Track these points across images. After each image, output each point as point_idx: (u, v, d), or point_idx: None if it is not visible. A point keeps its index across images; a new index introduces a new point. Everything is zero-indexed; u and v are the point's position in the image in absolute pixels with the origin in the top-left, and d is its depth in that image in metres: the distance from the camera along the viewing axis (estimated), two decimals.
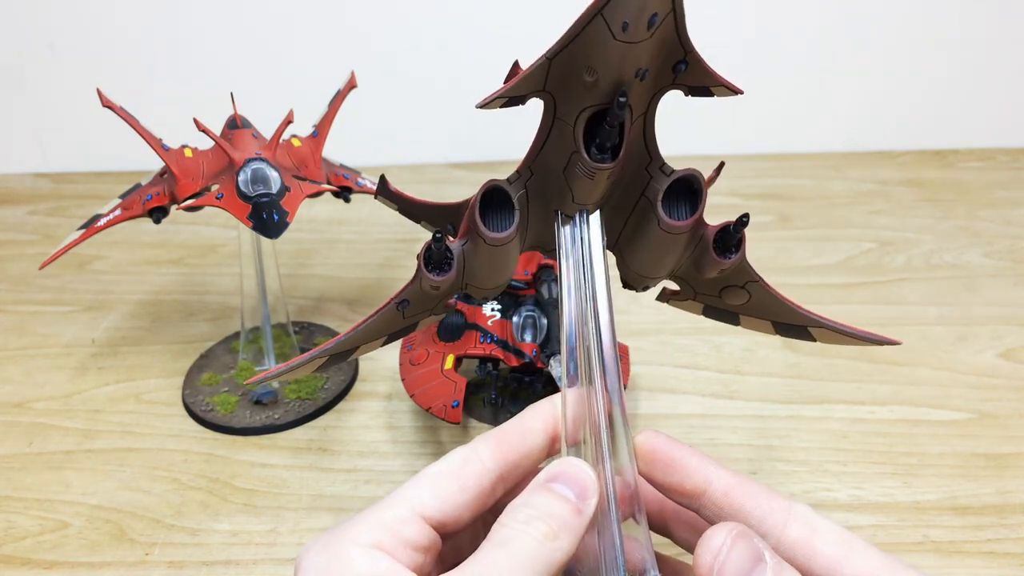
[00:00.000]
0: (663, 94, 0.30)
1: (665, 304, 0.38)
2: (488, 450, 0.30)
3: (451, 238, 0.33)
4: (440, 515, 0.28)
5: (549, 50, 0.28)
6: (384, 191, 0.36)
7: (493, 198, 0.32)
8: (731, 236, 0.32)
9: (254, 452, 0.53)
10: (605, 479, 0.29)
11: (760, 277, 0.34)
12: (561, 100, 0.29)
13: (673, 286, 0.37)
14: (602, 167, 0.29)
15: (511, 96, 0.29)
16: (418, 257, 0.33)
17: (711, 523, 0.29)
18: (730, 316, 0.38)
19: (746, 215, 0.31)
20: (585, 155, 0.29)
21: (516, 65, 0.35)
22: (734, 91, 0.28)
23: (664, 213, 0.31)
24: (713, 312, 0.38)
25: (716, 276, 0.33)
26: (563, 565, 0.27)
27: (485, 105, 0.29)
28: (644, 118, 0.30)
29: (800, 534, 0.28)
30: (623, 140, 0.29)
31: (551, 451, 0.32)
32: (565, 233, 0.33)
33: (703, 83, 0.29)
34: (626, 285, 0.36)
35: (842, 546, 0.27)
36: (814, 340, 0.37)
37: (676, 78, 0.29)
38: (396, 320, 0.36)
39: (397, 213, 0.40)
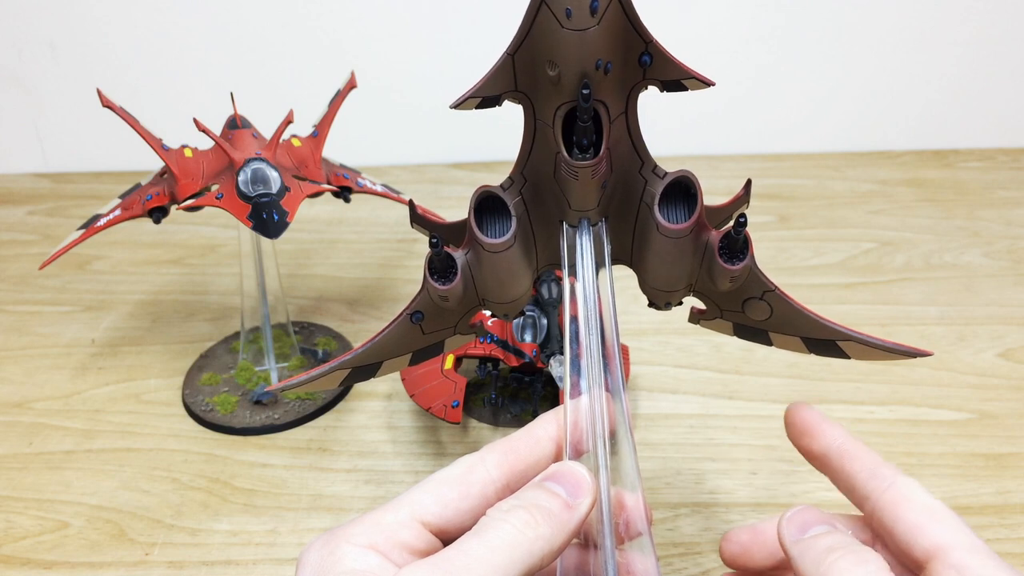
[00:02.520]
0: (638, 91, 0.30)
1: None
2: (495, 459, 0.30)
3: (452, 246, 0.33)
4: (440, 521, 0.29)
5: (509, 46, 0.28)
6: (416, 218, 0.35)
7: (488, 205, 0.32)
8: (735, 240, 0.32)
9: (254, 452, 0.53)
10: (601, 488, 0.30)
11: (776, 286, 0.33)
12: (536, 101, 0.30)
13: (699, 304, 0.36)
14: (583, 164, 0.30)
15: (484, 96, 0.29)
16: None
17: (836, 485, 0.34)
18: (760, 335, 0.37)
19: (743, 215, 0.31)
20: (565, 154, 0.30)
21: None
22: (706, 83, 0.28)
23: (661, 217, 0.31)
24: (743, 331, 0.37)
25: (731, 287, 0.33)
26: (547, 558, 0.27)
27: (458, 105, 0.29)
28: (626, 118, 0.30)
29: (891, 499, 0.30)
30: (601, 136, 0.29)
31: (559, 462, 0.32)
32: (568, 242, 0.33)
33: (673, 76, 0.29)
34: (651, 304, 0.36)
35: (925, 516, 0.29)
36: (847, 357, 0.36)
37: (646, 73, 0.29)
38: (415, 335, 0.35)
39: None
